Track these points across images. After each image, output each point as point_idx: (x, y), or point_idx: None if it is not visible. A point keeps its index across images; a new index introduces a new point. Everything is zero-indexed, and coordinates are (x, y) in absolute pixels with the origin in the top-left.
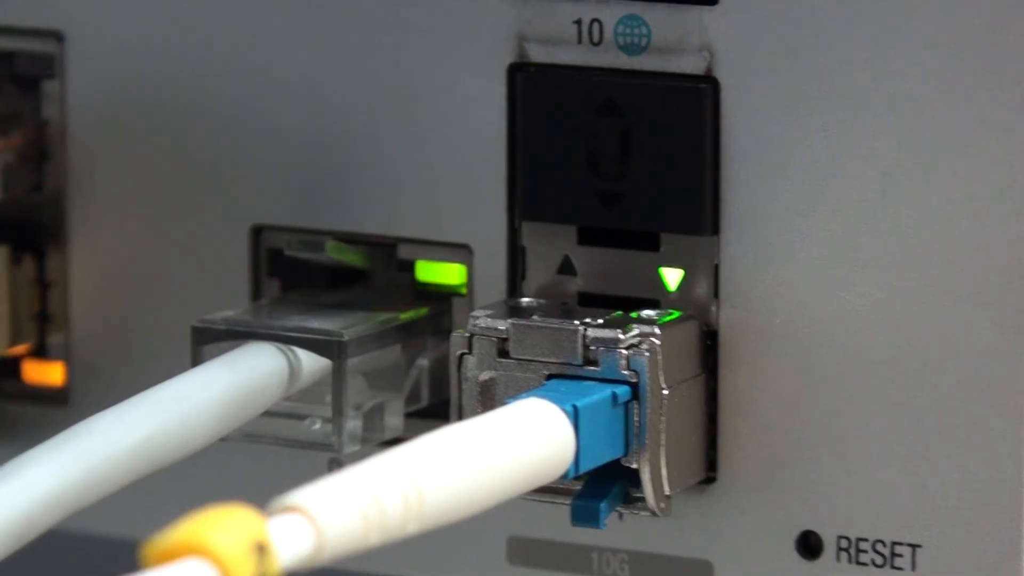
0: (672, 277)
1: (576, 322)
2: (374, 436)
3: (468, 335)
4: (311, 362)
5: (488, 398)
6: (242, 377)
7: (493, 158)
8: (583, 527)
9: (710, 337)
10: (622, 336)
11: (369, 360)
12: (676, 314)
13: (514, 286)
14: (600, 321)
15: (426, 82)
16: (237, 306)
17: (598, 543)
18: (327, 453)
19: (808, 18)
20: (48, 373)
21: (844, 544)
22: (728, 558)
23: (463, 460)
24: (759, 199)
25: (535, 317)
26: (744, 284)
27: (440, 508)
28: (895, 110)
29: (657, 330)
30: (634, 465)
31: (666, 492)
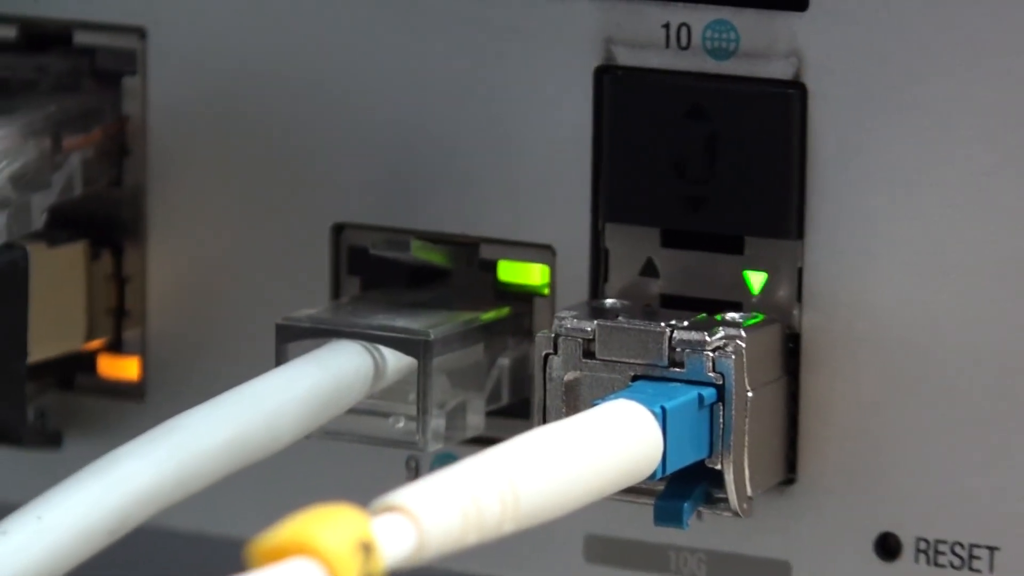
0: (756, 280)
1: (662, 324)
2: (456, 434)
3: (553, 335)
4: (396, 361)
5: (572, 398)
6: (329, 375)
7: (578, 160)
8: (666, 527)
9: (792, 340)
10: (708, 338)
11: (453, 359)
12: (760, 317)
13: (596, 287)
14: (686, 323)
15: (512, 83)
16: (316, 304)
17: (676, 542)
18: (405, 451)
19: (896, 25)
20: (124, 368)
21: (923, 546)
22: (806, 559)
23: (557, 461)
24: (844, 204)
25: (620, 318)
26: (827, 288)
27: (535, 508)
28: (982, 117)
29: (743, 333)
30: (718, 466)
31: (748, 493)
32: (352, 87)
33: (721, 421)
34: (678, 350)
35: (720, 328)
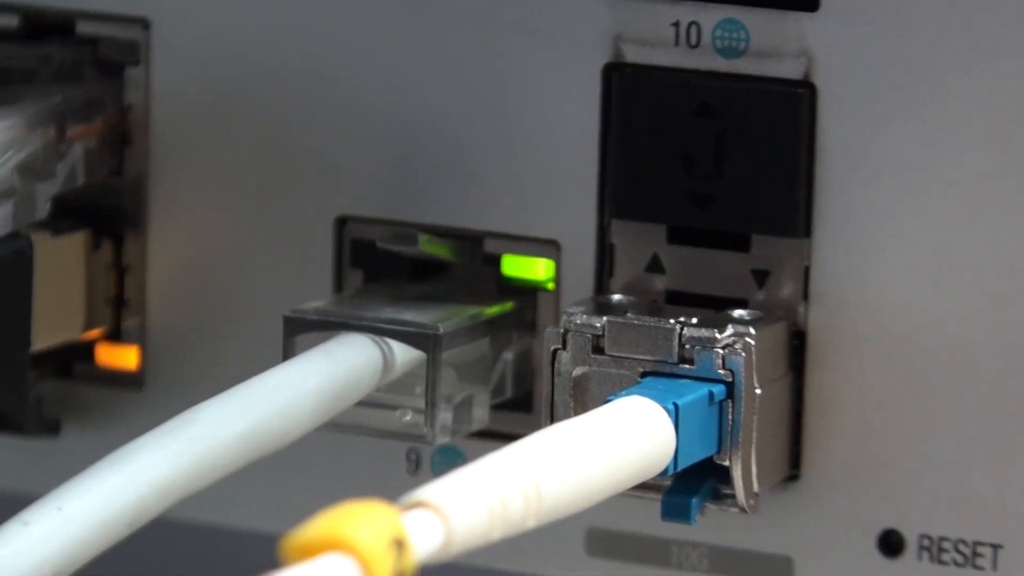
0: (761, 278)
1: (672, 321)
2: (462, 428)
3: (562, 331)
4: (404, 354)
5: (580, 393)
6: (340, 368)
7: (585, 156)
8: (674, 522)
9: (797, 337)
10: (718, 336)
11: (460, 353)
12: (765, 314)
13: (601, 283)
14: (695, 320)
15: (520, 78)
16: (318, 295)
17: (677, 536)
18: (408, 443)
19: (908, 26)
20: (123, 357)
21: (926, 543)
22: (809, 554)
23: (577, 457)
24: (852, 203)
25: (629, 315)
26: (834, 286)
27: (556, 504)
28: (991, 118)
29: (752, 330)
30: (726, 463)
31: (755, 489)
32: (357, 80)
33: (730, 418)
34: (688, 347)
35: (729, 325)
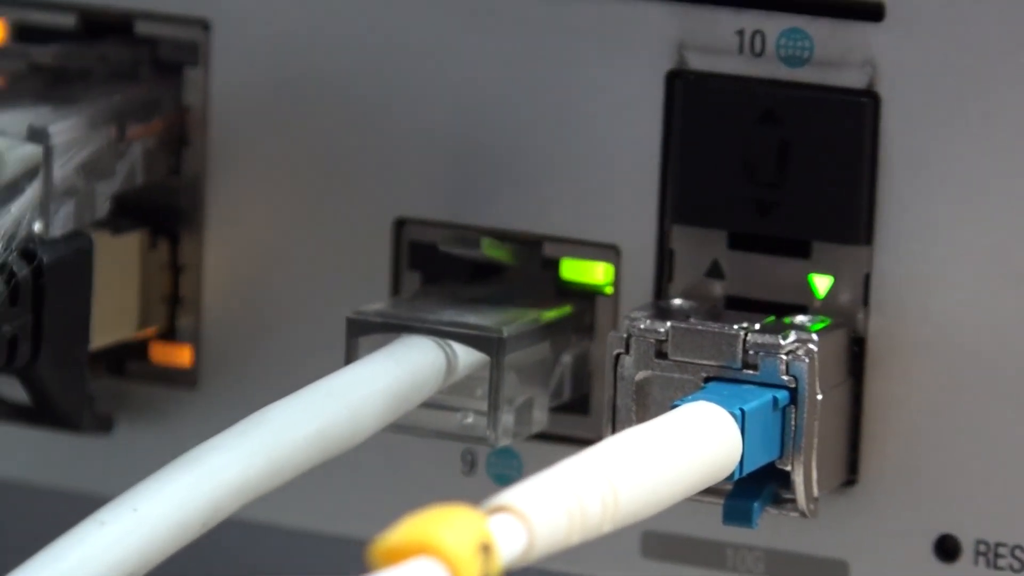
0: (821, 284)
1: (735, 327)
2: (523, 430)
3: (626, 335)
4: (466, 356)
5: (643, 397)
6: (406, 371)
7: (646, 162)
8: (735, 526)
9: (856, 344)
10: (782, 342)
11: (522, 356)
12: (827, 321)
13: (660, 287)
14: (757, 326)
15: (583, 83)
16: (374, 297)
17: (733, 539)
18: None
19: (972, 36)
20: (177, 355)
21: (982, 548)
22: (865, 559)
23: (651, 462)
24: (914, 211)
25: (692, 320)
26: (894, 293)
27: (631, 508)
28: None
29: (815, 336)
30: (788, 467)
31: (815, 494)
32: (417, 81)
33: (793, 423)
34: (751, 352)
35: (792, 331)
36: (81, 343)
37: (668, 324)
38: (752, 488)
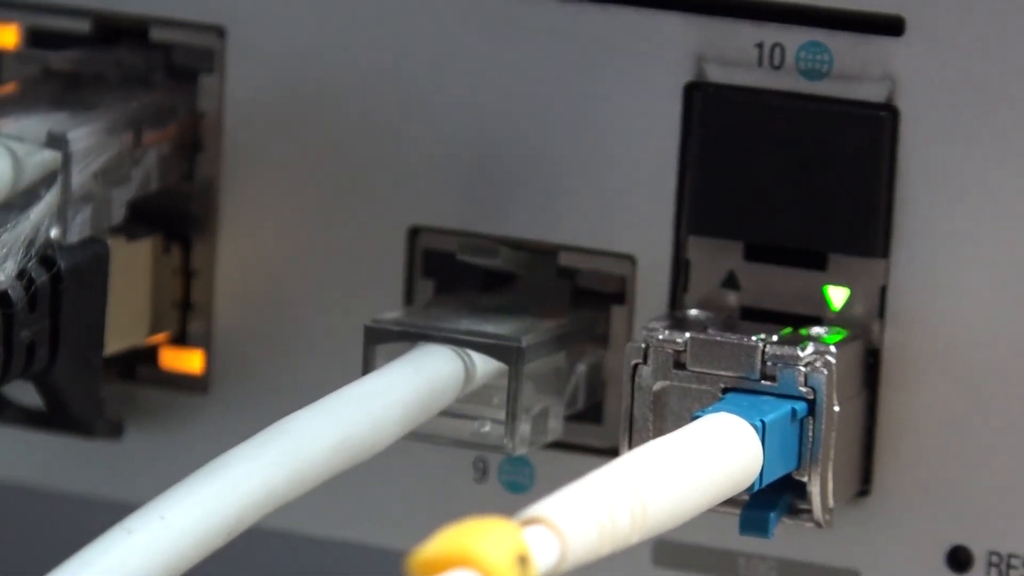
0: (837, 296)
1: (754, 338)
2: (539, 439)
3: (644, 346)
4: (484, 365)
5: (660, 408)
6: (425, 379)
7: (663, 172)
8: (751, 536)
9: (871, 356)
10: (801, 354)
11: (539, 365)
12: (843, 333)
13: (675, 297)
14: (775, 338)
15: (601, 93)
16: (387, 304)
17: (745, 549)
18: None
19: (992, 51)
20: (188, 360)
21: (995, 560)
22: (877, 569)
23: (677, 474)
24: (932, 225)
25: (710, 331)
26: (910, 306)
27: (658, 520)
28: None
29: (833, 348)
30: (804, 478)
31: (831, 505)
32: (434, 90)
33: (810, 435)
34: (770, 364)
35: (809, 343)
36: (96, 349)
37: (687, 335)
38: (767, 498)
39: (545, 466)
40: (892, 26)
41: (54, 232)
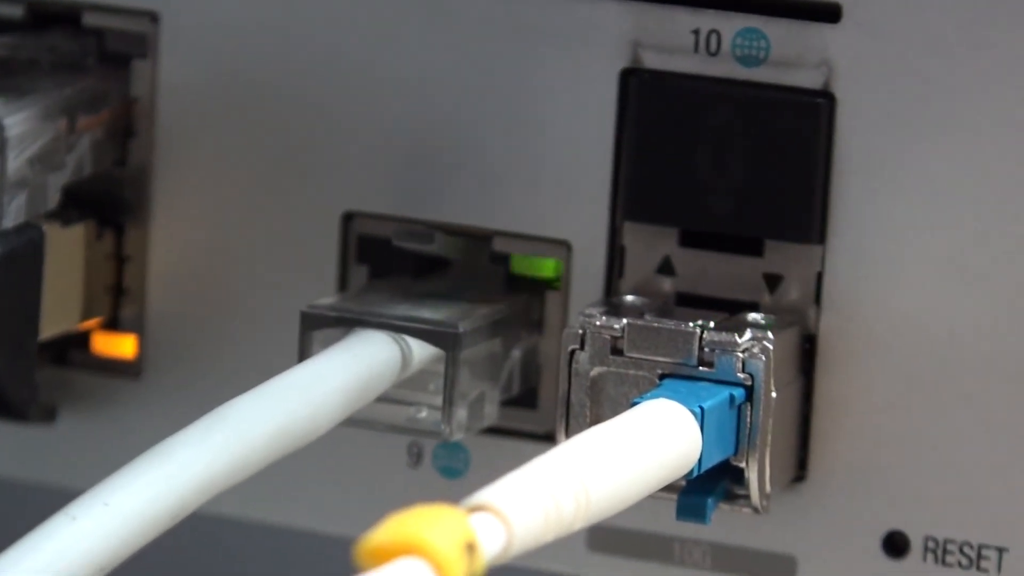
0: (773, 282)
1: (691, 324)
2: (475, 424)
3: (581, 331)
4: (421, 351)
5: (597, 393)
6: (363, 366)
7: (598, 158)
8: (688, 522)
9: (807, 342)
10: (738, 340)
11: (476, 351)
12: (778, 319)
13: (610, 283)
14: (712, 324)
15: (537, 79)
16: (321, 290)
17: (680, 534)
18: (407, 437)
19: (929, 39)
20: (120, 345)
21: (931, 545)
22: (813, 554)
23: (619, 460)
24: (868, 212)
25: (647, 317)
26: (846, 292)
27: (602, 506)
28: (1008, 131)
29: (770, 334)
30: (742, 464)
31: (768, 490)
32: (368, 75)
33: (748, 421)
34: (708, 350)
35: (747, 329)
36: (31, 334)
37: (624, 321)
38: (704, 484)
39: (480, 451)
40: (829, 13)
41: None
